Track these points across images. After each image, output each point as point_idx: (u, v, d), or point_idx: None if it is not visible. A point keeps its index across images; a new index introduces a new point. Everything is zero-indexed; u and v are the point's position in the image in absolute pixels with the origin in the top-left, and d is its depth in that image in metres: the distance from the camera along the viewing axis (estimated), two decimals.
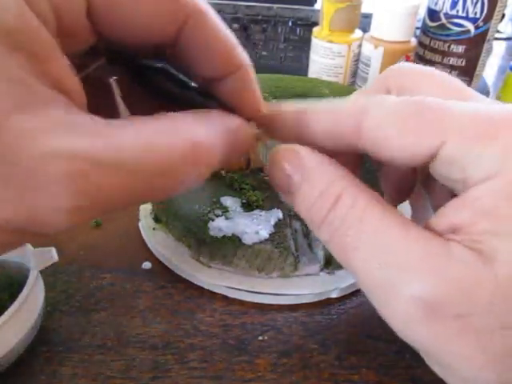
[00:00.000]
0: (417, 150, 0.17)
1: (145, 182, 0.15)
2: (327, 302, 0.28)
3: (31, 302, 0.23)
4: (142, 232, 0.32)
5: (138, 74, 0.18)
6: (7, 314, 0.21)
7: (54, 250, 0.25)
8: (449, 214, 0.17)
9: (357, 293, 0.28)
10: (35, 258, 0.24)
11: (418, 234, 0.17)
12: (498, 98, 0.49)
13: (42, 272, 0.24)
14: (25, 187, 0.13)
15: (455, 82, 0.20)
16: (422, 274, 0.16)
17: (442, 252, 0.16)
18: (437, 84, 0.20)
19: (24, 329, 0.22)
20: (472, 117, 0.17)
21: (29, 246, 0.25)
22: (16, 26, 0.14)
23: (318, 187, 0.19)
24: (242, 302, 0.28)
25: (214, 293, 0.28)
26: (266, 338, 0.25)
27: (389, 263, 0.17)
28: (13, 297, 0.22)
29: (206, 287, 0.28)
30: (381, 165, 0.23)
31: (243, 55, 0.20)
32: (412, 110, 0.18)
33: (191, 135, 0.16)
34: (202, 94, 0.19)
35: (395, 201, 0.24)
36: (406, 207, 0.35)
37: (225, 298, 0.28)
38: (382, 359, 0.25)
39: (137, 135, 0.15)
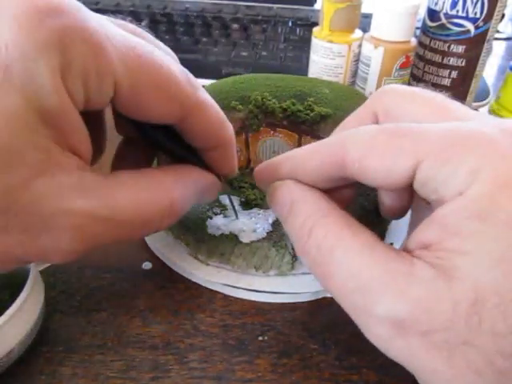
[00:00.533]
0: (394, 175, 0.18)
1: (128, 231, 0.19)
2: (327, 302, 0.28)
3: (31, 302, 0.23)
4: None
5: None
6: (7, 314, 0.21)
7: None
8: (420, 232, 0.18)
9: None
10: None
11: (381, 256, 0.18)
12: (498, 97, 0.49)
13: (41, 272, 0.24)
14: (37, 234, 0.17)
15: (439, 99, 0.21)
16: (385, 294, 0.17)
17: (403, 271, 0.17)
18: (420, 104, 0.21)
19: (24, 329, 0.22)
20: (444, 138, 0.17)
21: None
22: (51, 104, 0.16)
23: (299, 219, 0.20)
24: (242, 302, 0.28)
25: (214, 293, 0.28)
26: (266, 338, 0.25)
27: (359, 287, 0.18)
28: (13, 297, 0.22)
29: (203, 284, 0.28)
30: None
31: (230, 132, 0.23)
32: (385, 138, 0.18)
33: (170, 196, 0.20)
34: (186, 148, 0.23)
35: (393, 217, 0.24)
36: None
37: (225, 298, 0.28)
38: (382, 359, 0.24)
39: (127, 195, 0.19)
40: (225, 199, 0.31)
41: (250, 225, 0.30)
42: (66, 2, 0.16)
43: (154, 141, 0.23)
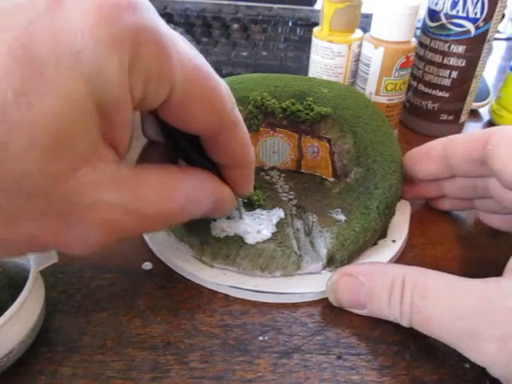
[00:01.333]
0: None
1: (148, 225, 0.20)
2: (328, 302, 0.28)
3: (31, 302, 0.23)
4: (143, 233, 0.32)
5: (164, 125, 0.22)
6: (7, 314, 0.21)
7: (54, 251, 0.25)
8: None
9: None
10: (35, 259, 0.24)
11: (469, 284, 0.22)
12: (498, 98, 0.49)
13: (42, 272, 0.24)
14: (72, 224, 0.17)
15: None
16: (483, 315, 0.20)
17: (491, 289, 0.21)
18: None
19: (24, 329, 0.22)
20: None
21: None
22: (112, 98, 0.16)
23: (387, 280, 0.24)
24: (242, 302, 0.28)
25: (215, 293, 0.28)
26: (266, 338, 0.25)
27: (459, 317, 0.21)
28: (13, 297, 0.22)
29: (208, 287, 0.28)
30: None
31: (252, 154, 0.24)
32: None
33: (186, 196, 0.21)
34: (208, 161, 0.24)
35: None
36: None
37: (225, 298, 0.28)
38: (382, 360, 0.25)
39: (153, 190, 0.19)
40: None
41: (254, 226, 0.30)
42: (143, 1, 0.17)
43: (179, 148, 0.23)
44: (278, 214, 0.31)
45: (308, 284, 0.28)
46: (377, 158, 0.32)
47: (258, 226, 0.30)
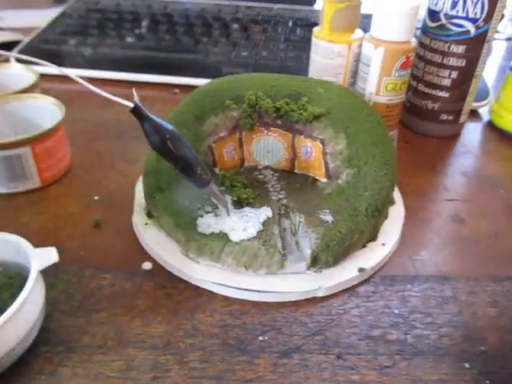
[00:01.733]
0: None
1: None
2: (327, 303, 0.28)
3: (31, 302, 0.23)
4: (135, 228, 0.32)
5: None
6: (7, 314, 0.21)
7: (54, 250, 0.25)
8: None
9: (355, 293, 0.28)
10: (35, 258, 0.24)
11: None
12: (498, 98, 0.49)
13: (42, 272, 0.24)
14: None
15: None
16: None
17: None
18: None
19: (24, 329, 0.22)
20: None
21: (29, 246, 0.25)
22: None
23: None
24: (242, 302, 0.28)
25: (215, 293, 0.28)
26: (266, 338, 0.25)
27: None
28: (13, 297, 0.22)
29: (193, 283, 0.28)
30: None
31: None
32: None
33: None
34: (178, 157, 0.27)
35: None
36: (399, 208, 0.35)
37: (225, 298, 0.28)
38: (382, 359, 0.25)
39: None
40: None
41: (241, 223, 0.30)
42: None
43: (163, 148, 0.27)
44: (266, 212, 0.31)
45: (292, 284, 0.28)
46: (368, 160, 0.32)
47: (244, 224, 0.30)
